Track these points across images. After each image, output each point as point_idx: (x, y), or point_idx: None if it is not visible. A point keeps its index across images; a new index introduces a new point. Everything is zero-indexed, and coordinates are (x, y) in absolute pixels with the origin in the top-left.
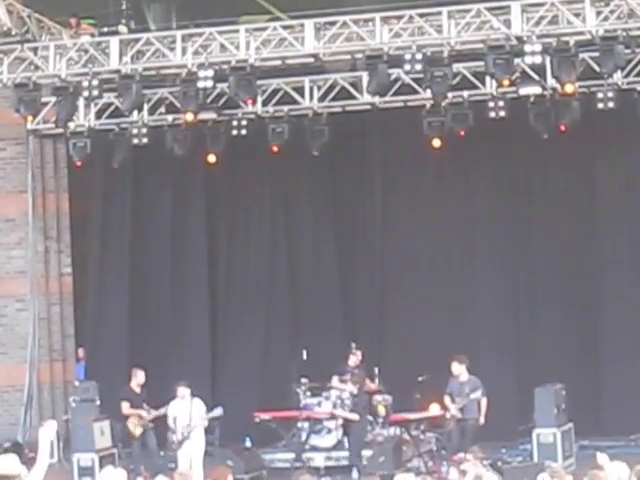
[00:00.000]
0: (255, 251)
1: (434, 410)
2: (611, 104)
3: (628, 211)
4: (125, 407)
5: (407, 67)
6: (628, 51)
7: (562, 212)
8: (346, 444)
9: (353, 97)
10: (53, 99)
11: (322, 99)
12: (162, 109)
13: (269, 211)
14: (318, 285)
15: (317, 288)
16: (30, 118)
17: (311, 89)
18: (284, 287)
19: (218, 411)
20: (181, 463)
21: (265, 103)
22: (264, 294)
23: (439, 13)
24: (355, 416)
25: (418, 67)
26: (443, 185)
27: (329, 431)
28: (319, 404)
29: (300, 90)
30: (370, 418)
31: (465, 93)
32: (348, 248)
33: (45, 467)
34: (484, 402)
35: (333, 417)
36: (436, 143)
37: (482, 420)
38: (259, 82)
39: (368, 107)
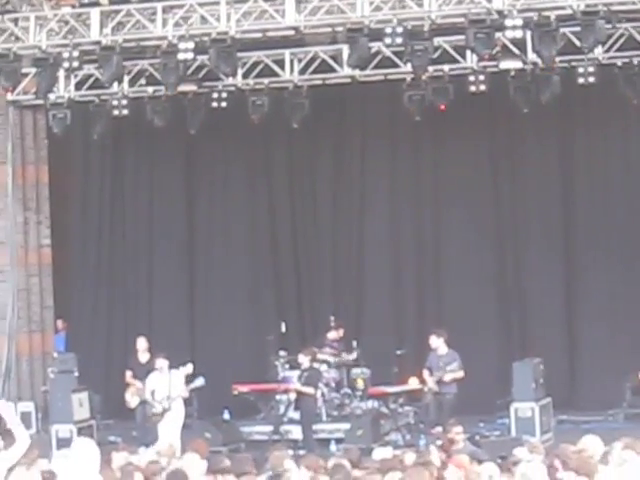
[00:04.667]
0: (235, 225)
1: (412, 384)
2: (592, 79)
3: (607, 185)
4: (127, 376)
5: (388, 40)
6: (609, 26)
7: (541, 185)
8: (325, 417)
9: (333, 70)
10: (33, 70)
11: (302, 72)
12: (142, 81)
13: (249, 183)
14: (297, 258)
15: (296, 261)
16: (10, 89)
17: (291, 62)
18: (264, 259)
19: (199, 381)
20: (161, 435)
21: (245, 75)
22: (244, 266)
23: None
24: (311, 390)
25: (399, 40)
26: (423, 159)
27: (314, 401)
28: (298, 377)
29: (280, 63)
30: (348, 391)
31: (446, 67)
32: (327, 220)
33: (27, 442)
34: (460, 375)
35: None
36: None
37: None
38: (239, 54)
39: (348, 80)
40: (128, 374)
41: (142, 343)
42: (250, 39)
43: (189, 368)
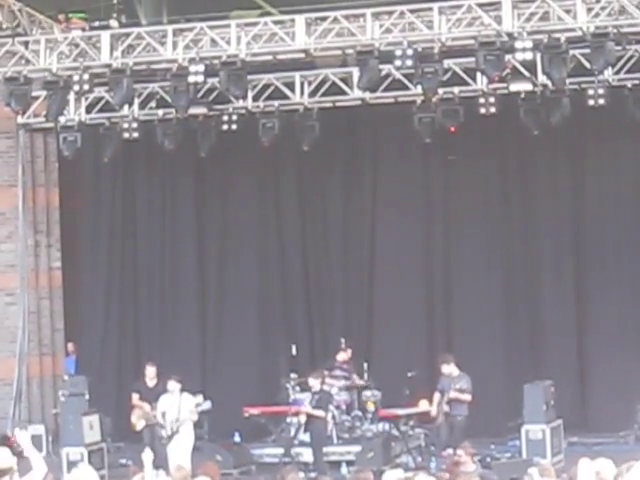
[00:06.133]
0: (245, 246)
1: (423, 406)
2: (601, 101)
3: (617, 207)
4: (133, 398)
5: (398, 63)
6: (619, 48)
7: (552, 207)
8: (336, 439)
9: (344, 92)
10: (44, 93)
11: (313, 94)
12: (153, 103)
13: (259, 206)
14: (308, 281)
15: (307, 283)
16: (20, 112)
17: (302, 84)
18: (274, 283)
19: (206, 404)
20: (171, 458)
21: (256, 98)
22: (254, 290)
23: (430, 9)
24: (321, 412)
25: (409, 63)
26: (433, 181)
27: (325, 424)
28: (309, 399)
29: (291, 85)
30: (359, 413)
31: (456, 89)
32: (337, 244)
33: (44, 470)
34: (466, 398)
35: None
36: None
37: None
38: (250, 77)
39: (359, 103)
40: (135, 397)
41: (151, 371)
42: (260, 62)
43: (199, 399)
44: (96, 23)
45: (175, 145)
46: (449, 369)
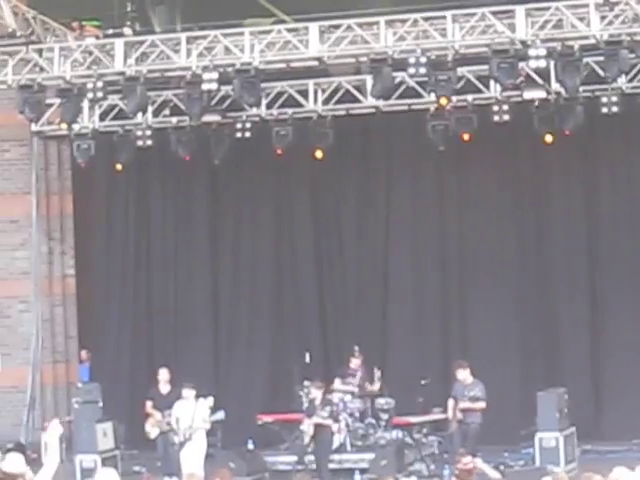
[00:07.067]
0: (259, 254)
1: (436, 413)
2: (615, 108)
3: (631, 215)
4: (147, 406)
5: (411, 70)
6: (632, 56)
7: (565, 215)
8: (348, 447)
9: (357, 100)
10: (57, 101)
11: (326, 102)
12: (166, 111)
13: (273, 214)
14: (321, 288)
15: (320, 291)
16: (34, 119)
17: (315, 92)
18: (288, 290)
19: (220, 415)
20: (184, 465)
21: (269, 106)
22: (268, 297)
23: (443, 17)
24: (329, 421)
25: (422, 70)
26: (447, 189)
27: (331, 434)
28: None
29: (304, 93)
30: (373, 421)
31: (469, 97)
32: (351, 251)
33: (55, 467)
34: (481, 405)
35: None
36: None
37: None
38: (263, 85)
39: (372, 110)
40: (148, 404)
41: (164, 374)
42: (274, 69)
43: (210, 401)
44: (110, 31)
45: (189, 153)
46: (464, 375)
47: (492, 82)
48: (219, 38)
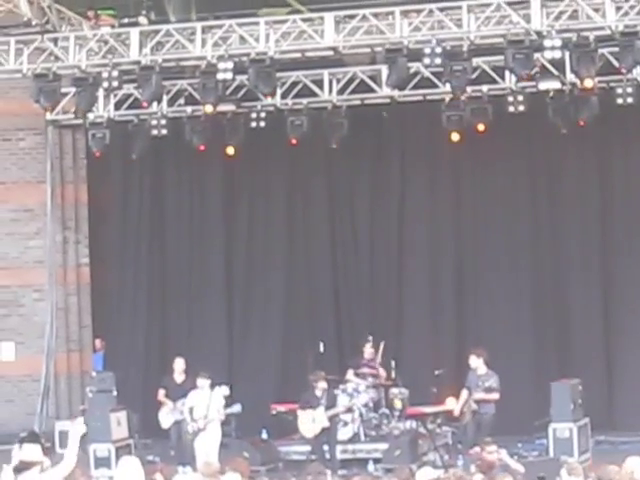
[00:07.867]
0: (273, 243)
1: (450, 404)
2: (630, 99)
3: None
4: (159, 394)
5: (426, 61)
6: None
7: (580, 206)
8: (362, 437)
9: (372, 90)
10: (73, 90)
11: (341, 92)
12: (181, 100)
13: (287, 203)
14: (335, 277)
15: (334, 280)
16: (49, 108)
17: (330, 82)
18: (302, 279)
19: (236, 407)
20: (198, 455)
21: (284, 96)
22: (282, 286)
23: (459, 7)
24: (336, 410)
25: (437, 61)
26: (461, 179)
27: (345, 424)
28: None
29: (319, 83)
30: (386, 411)
31: (484, 87)
32: (366, 241)
33: (72, 465)
34: (494, 397)
35: (350, 410)
36: (455, 137)
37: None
38: (278, 74)
39: (387, 100)
40: (161, 392)
41: (180, 364)
42: (289, 59)
43: (225, 390)
44: (125, 20)
45: (203, 142)
46: (477, 363)
47: (507, 73)
48: (234, 28)
